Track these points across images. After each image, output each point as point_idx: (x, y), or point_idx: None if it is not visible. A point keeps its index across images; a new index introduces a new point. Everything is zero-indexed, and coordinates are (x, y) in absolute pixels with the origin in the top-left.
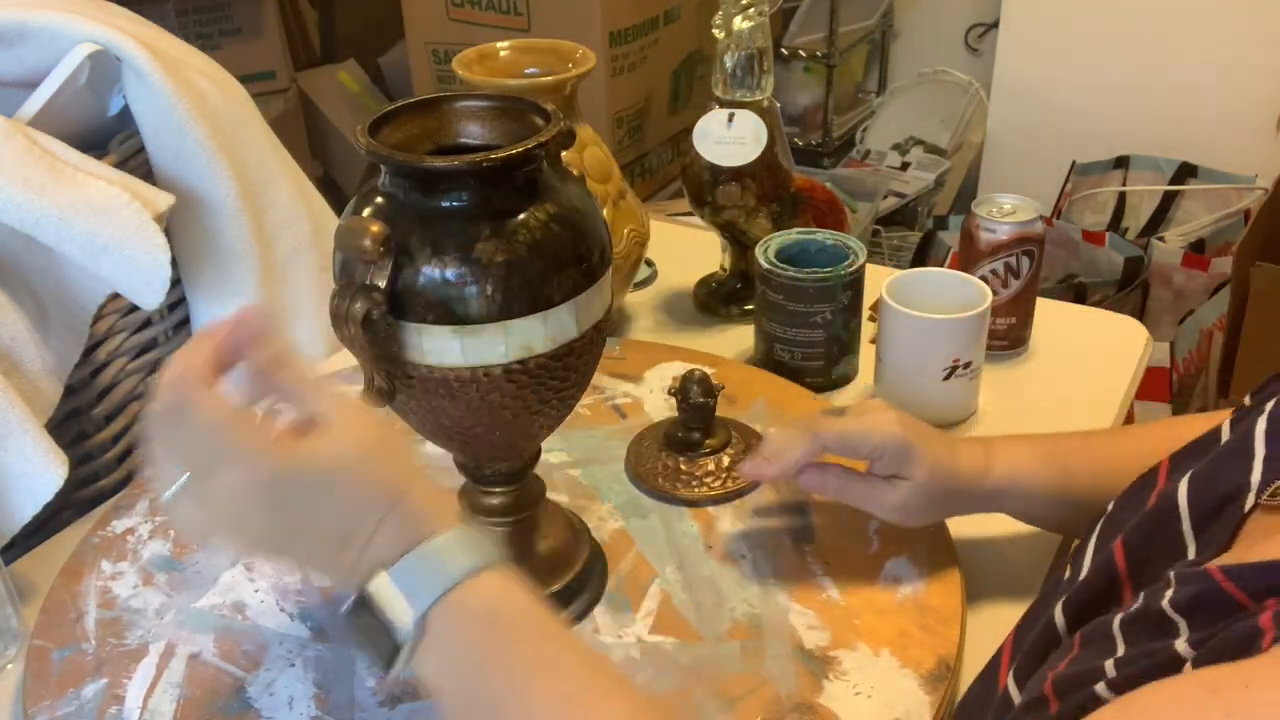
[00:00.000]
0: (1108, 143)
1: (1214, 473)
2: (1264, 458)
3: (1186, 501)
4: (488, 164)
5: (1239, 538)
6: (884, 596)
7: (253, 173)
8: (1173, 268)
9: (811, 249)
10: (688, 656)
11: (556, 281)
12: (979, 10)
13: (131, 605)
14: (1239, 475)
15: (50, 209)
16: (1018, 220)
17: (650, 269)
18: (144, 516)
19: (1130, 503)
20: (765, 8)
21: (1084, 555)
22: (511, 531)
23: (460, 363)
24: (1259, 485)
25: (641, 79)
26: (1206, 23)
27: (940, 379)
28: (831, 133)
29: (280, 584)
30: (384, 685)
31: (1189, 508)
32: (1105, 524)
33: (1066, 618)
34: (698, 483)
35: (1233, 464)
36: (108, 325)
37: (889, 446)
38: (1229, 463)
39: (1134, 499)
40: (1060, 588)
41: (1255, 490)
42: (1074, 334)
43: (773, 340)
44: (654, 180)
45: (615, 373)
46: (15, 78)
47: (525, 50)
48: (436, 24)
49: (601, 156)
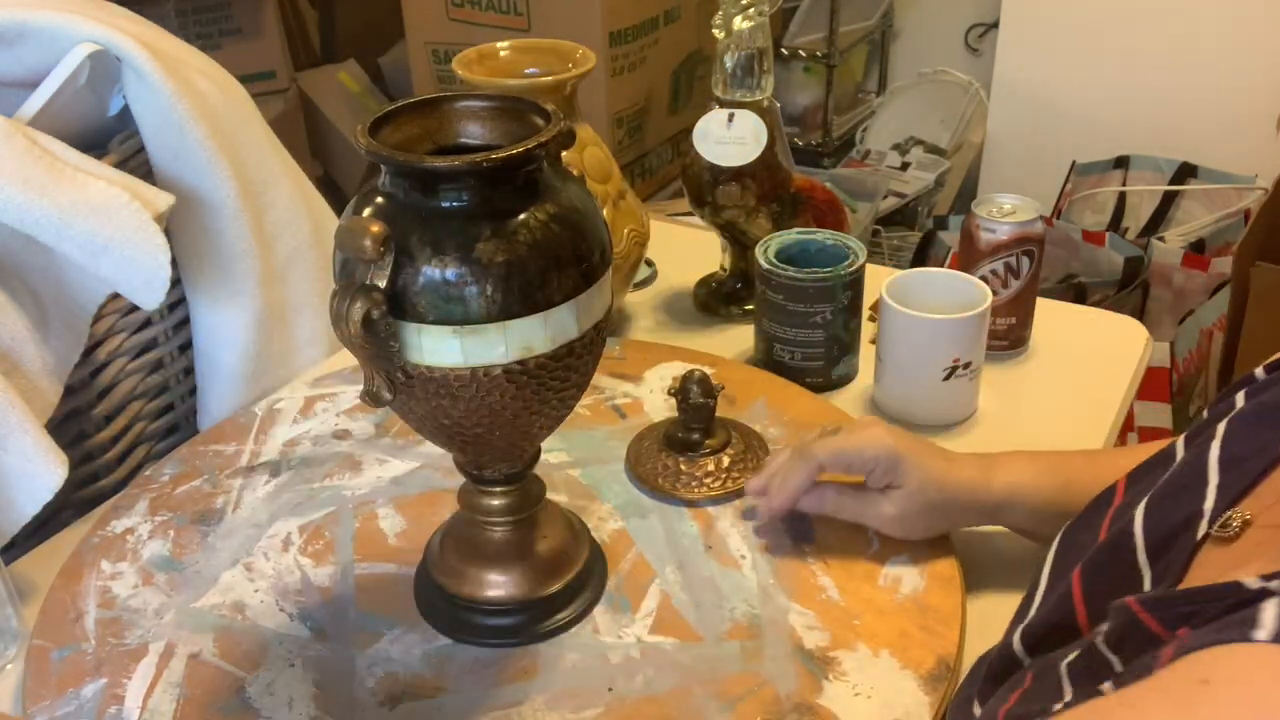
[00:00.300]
0: (1108, 143)
1: (1168, 500)
2: (1217, 485)
3: (1141, 530)
4: (488, 164)
5: (1191, 568)
6: (884, 597)
7: (253, 173)
8: (1173, 268)
9: (811, 249)
10: (687, 657)
11: (556, 281)
12: (979, 10)
13: (131, 605)
14: (1192, 503)
15: (50, 209)
16: (1018, 220)
17: (650, 269)
18: (144, 516)
19: (1089, 521)
20: (765, 8)
21: (1040, 578)
22: (511, 531)
23: (460, 363)
24: (1211, 514)
25: (641, 79)
26: (1207, 23)
27: (940, 379)
28: (831, 133)
29: (280, 584)
30: (383, 685)
31: (1143, 536)
32: (1061, 544)
33: (1025, 647)
34: (698, 483)
35: (1187, 492)
36: (108, 325)
37: (880, 458)
38: (1183, 491)
39: (1092, 517)
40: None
41: (1207, 519)
42: (1074, 334)
43: (773, 340)
44: (654, 180)
45: (615, 373)
46: (15, 78)
47: (525, 50)
48: (436, 24)
49: (601, 156)
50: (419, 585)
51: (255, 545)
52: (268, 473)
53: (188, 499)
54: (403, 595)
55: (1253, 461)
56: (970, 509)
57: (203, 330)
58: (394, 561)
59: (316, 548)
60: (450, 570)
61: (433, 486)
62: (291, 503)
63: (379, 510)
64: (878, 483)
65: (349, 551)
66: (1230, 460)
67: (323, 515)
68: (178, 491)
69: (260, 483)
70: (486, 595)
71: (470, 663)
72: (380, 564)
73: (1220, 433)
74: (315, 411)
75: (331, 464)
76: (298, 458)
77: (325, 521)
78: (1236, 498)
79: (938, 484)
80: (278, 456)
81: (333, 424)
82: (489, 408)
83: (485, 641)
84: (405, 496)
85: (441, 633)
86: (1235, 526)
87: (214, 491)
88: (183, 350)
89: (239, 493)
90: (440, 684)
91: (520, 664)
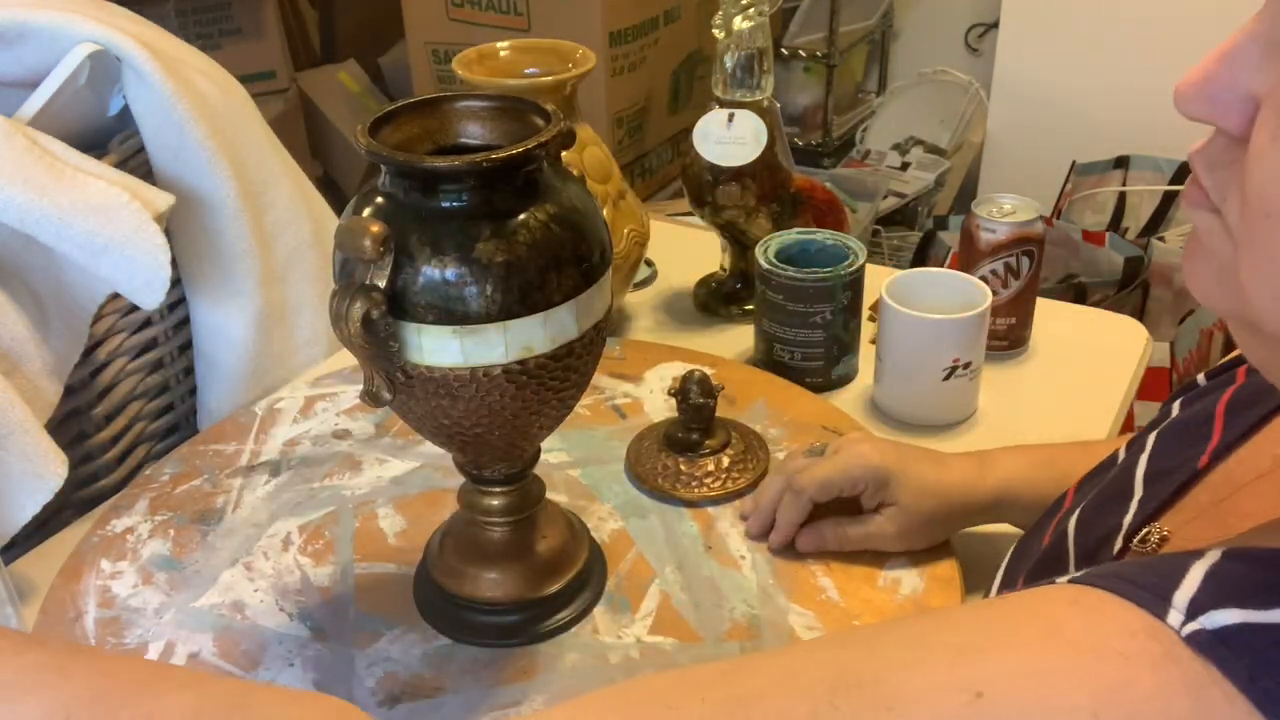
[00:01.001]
0: (1108, 143)
1: (1100, 511)
2: (1139, 499)
3: (1073, 541)
4: (488, 164)
5: None
6: (883, 598)
7: (253, 173)
8: (1173, 268)
9: (811, 249)
10: (687, 657)
11: (556, 282)
12: (979, 10)
13: (131, 604)
14: (1117, 516)
15: (50, 209)
16: (1018, 220)
17: (650, 269)
18: (144, 515)
19: (1039, 528)
20: (765, 8)
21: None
22: (511, 531)
23: (460, 363)
24: (1129, 529)
25: (641, 79)
26: (1207, 23)
27: (940, 379)
28: (831, 133)
29: (280, 583)
30: (382, 685)
31: (1074, 548)
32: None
33: None
34: (697, 483)
35: (1114, 503)
36: (108, 325)
37: (868, 478)
38: (1111, 502)
39: (1042, 524)
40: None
41: (1124, 533)
42: (1074, 334)
43: (773, 340)
44: (654, 180)
45: (615, 373)
46: (15, 78)
47: (525, 50)
48: (436, 24)
49: (601, 156)
50: (419, 585)
51: (255, 545)
52: (268, 472)
53: (188, 498)
54: (402, 595)
55: (1174, 476)
56: (968, 510)
57: (203, 330)
58: (394, 561)
59: (316, 547)
60: (450, 570)
61: (433, 486)
62: (291, 502)
63: (379, 510)
64: (871, 502)
65: (349, 551)
66: (1154, 475)
67: (322, 515)
68: (178, 491)
69: (260, 482)
70: (486, 595)
71: (470, 662)
72: (380, 564)
73: (1149, 444)
74: (315, 411)
75: (331, 464)
76: (298, 457)
77: (325, 521)
78: (1155, 512)
79: (931, 493)
80: (278, 456)
81: (333, 424)
82: (488, 408)
83: (485, 641)
84: (405, 496)
85: (441, 632)
86: (1154, 542)
87: (214, 491)
88: (183, 350)
89: (239, 492)
90: (439, 684)
91: (520, 664)
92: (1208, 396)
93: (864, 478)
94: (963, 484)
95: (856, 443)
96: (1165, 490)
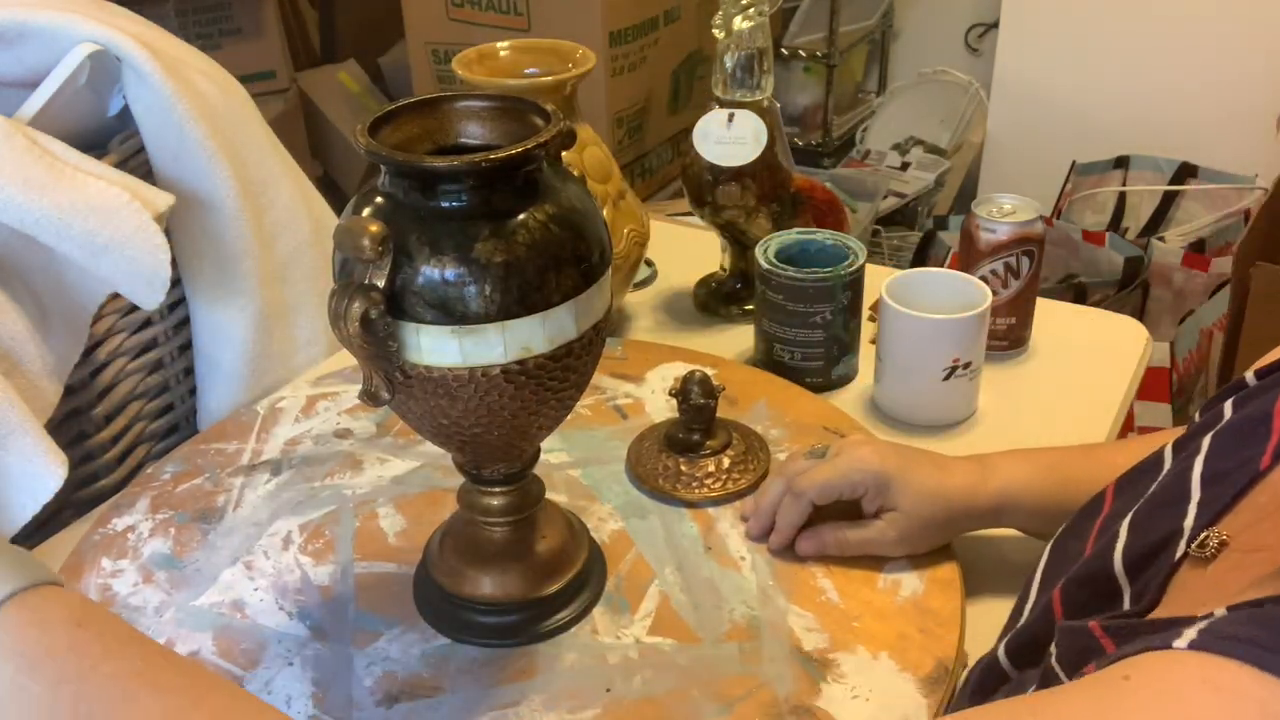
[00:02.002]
0: (1108, 143)
1: (1153, 516)
2: (1198, 502)
3: (1123, 545)
4: (487, 164)
5: (1170, 588)
6: (883, 599)
7: (253, 173)
8: (1173, 268)
9: (811, 249)
10: (686, 658)
11: (556, 282)
12: (979, 10)
13: (131, 603)
14: (1174, 520)
15: (50, 209)
16: (1018, 220)
17: (650, 269)
18: (144, 514)
19: (1079, 529)
20: (765, 8)
21: (1031, 587)
22: (511, 531)
23: (459, 363)
24: (1190, 533)
25: (641, 79)
26: (1206, 23)
27: (940, 379)
28: (831, 133)
29: (280, 583)
30: (381, 684)
31: (1124, 552)
32: (1052, 552)
33: (1009, 658)
34: (698, 484)
35: (1170, 508)
36: (108, 325)
37: (868, 482)
38: (1166, 507)
39: (1082, 524)
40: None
41: (1186, 538)
42: (1074, 334)
43: (773, 340)
44: (654, 180)
45: (616, 373)
46: (15, 78)
47: (525, 50)
48: (436, 24)
49: (601, 156)
50: (418, 585)
51: (255, 544)
52: (269, 471)
53: (189, 497)
54: (402, 594)
55: (1233, 478)
56: (970, 515)
57: (203, 330)
58: (394, 561)
59: (316, 546)
60: (449, 570)
61: (433, 486)
62: (292, 501)
63: (379, 509)
64: (871, 506)
65: (349, 550)
66: (1212, 477)
67: (323, 514)
68: (179, 489)
69: (261, 481)
70: (485, 595)
71: (469, 662)
72: (380, 563)
73: (1205, 447)
74: (317, 410)
75: (332, 463)
76: (299, 456)
77: (325, 520)
78: (1215, 516)
79: (932, 497)
80: (279, 455)
81: (334, 423)
82: (488, 408)
83: (484, 641)
84: (405, 496)
85: (440, 632)
86: (1212, 547)
87: (215, 490)
88: (183, 350)
89: (240, 491)
90: (439, 683)
91: (519, 664)
92: (1263, 396)
93: (864, 482)
94: (964, 489)
95: (857, 446)
96: (1226, 493)
